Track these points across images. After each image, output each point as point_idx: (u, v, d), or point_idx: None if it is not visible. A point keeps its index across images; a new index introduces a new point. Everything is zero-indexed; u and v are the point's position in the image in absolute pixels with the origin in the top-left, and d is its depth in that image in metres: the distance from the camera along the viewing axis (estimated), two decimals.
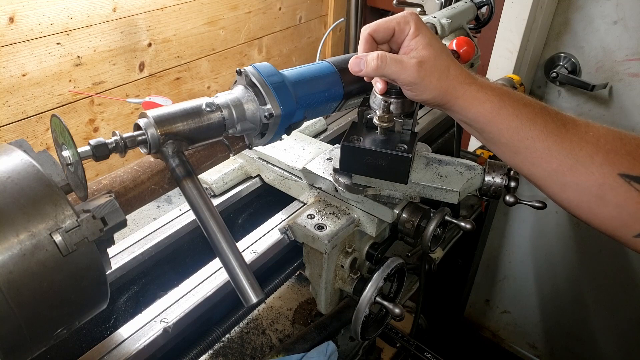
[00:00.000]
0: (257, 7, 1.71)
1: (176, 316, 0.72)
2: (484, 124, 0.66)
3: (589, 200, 0.63)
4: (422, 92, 0.67)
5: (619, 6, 1.58)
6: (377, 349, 1.11)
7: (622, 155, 0.60)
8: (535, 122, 0.63)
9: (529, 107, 0.64)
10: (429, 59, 0.65)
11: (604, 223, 0.64)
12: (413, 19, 0.67)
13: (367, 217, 0.87)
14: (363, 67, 0.67)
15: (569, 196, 0.65)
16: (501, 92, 0.66)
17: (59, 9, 1.18)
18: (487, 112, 0.65)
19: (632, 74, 1.64)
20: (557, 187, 0.65)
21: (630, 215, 0.61)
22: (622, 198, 0.60)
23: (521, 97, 0.66)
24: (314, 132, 1.19)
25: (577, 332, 2.23)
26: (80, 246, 0.47)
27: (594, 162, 0.61)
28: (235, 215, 1.06)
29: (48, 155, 0.52)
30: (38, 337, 0.47)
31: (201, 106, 0.62)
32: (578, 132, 0.62)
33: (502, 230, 2.23)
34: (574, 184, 0.63)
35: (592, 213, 0.64)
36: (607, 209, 0.62)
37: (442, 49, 0.67)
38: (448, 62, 0.66)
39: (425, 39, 0.66)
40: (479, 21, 1.47)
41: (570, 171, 0.62)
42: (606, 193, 0.61)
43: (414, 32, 0.67)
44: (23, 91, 1.18)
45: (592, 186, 0.61)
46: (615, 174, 0.60)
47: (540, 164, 0.64)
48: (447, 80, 0.66)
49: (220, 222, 0.57)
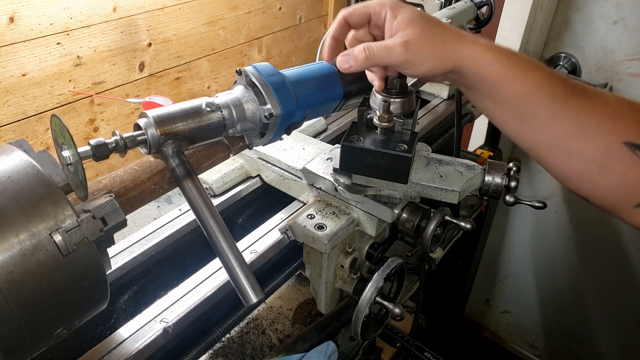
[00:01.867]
0: (257, 7, 1.71)
1: (176, 316, 0.72)
2: (491, 88, 0.64)
3: (592, 170, 0.62)
4: (418, 67, 0.65)
5: (619, 6, 1.58)
6: (377, 349, 1.11)
7: (630, 123, 0.59)
8: (542, 87, 0.62)
9: (537, 70, 0.62)
10: (414, 34, 0.63)
11: (604, 194, 0.63)
12: (389, 2, 0.65)
13: (367, 217, 0.87)
14: (352, 63, 0.65)
15: (572, 165, 0.63)
16: (509, 53, 0.63)
17: (59, 9, 1.18)
18: (495, 74, 0.63)
19: (632, 74, 1.64)
20: (560, 155, 0.64)
21: (633, 185, 0.60)
22: (626, 167, 0.59)
23: (529, 60, 0.64)
24: (314, 132, 1.19)
25: (577, 332, 2.23)
26: (80, 246, 0.47)
27: (600, 129, 0.60)
28: (235, 215, 1.06)
29: (48, 155, 0.52)
30: (38, 337, 0.47)
31: (201, 106, 0.62)
32: (586, 98, 0.61)
33: (502, 230, 2.23)
34: (577, 152, 0.62)
35: (593, 183, 0.63)
36: (610, 179, 0.61)
37: (428, 21, 0.64)
38: (440, 30, 0.64)
39: (406, 16, 0.64)
40: (479, 21, 1.47)
41: (574, 139, 0.61)
42: (610, 162, 0.60)
43: (391, 15, 0.65)
44: (23, 91, 1.18)
45: (596, 154, 0.60)
46: (620, 143, 0.59)
47: (545, 131, 0.63)
48: (442, 46, 0.63)
49: (220, 222, 0.57)
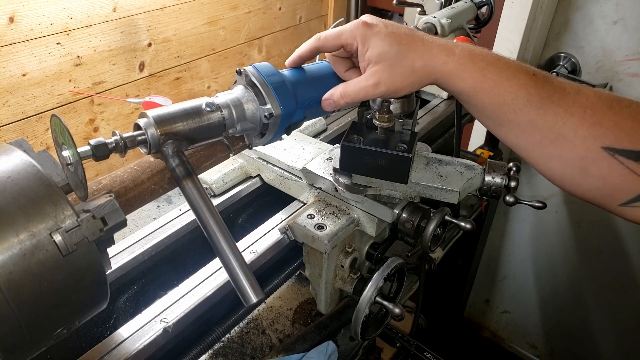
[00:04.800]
0: (257, 7, 1.71)
1: (176, 316, 0.72)
2: (467, 98, 0.66)
3: (572, 172, 0.63)
4: (395, 94, 0.68)
5: (619, 6, 1.58)
6: (377, 349, 1.11)
7: (608, 127, 0.59)
8: (517, 96, 0.62)
9: (512, 80, 0.63)
10: (384, 71, 0.65)
11: (587, 193, 0.64)
12: (358, 34, 0.66)
13: (367, 217, 0.87)
14: (335, 106, 0.70)
15: (553, 167, 0.64)
16: (483, 66, 0.64)
17: (59, 9, 1.18)
18: (469, 88, 0.64)
19: (632, 74, 1.64)
20: (541, 158, 0.65)
21: (614, 186, 0.61)
22: (606, 171, 0.60)
23: (506, 68, 0.64)
24: (314, 132, 1.20)
25: (577, 332, 2.23)
26: (80, 246, 0.47)
27: (578, 135, 0.60)
28: (235, 215, 1.06)
29: (48, 155, 0.52)
30: (38, 337, 0.47)
31: (201, 106, 0.62)
32: (564, 103, 0.61)
33: (502, 230, 2.23)
34: (557, 155, 0.63)
35: (576, 184, 0.64)
36: (591, 181, 0.62)
37: (396, 53, 0.65)
38: (410, 56, 0.65)
39: (375, 51, 0.65)
40: (479, 21, 1.47)
41: (553, 144, 0.62)
42: (589, 165, 0.61)
43: (362, 47, 0.66)
44: (23, 91, 1.18)
45: (575, 159, 0.61)
46: (598, 147, 0.59)
47: (524, 137, 0.64)
48: (413, 75, 0.65)
49: (220, 222, 0.57)
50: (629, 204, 0.61)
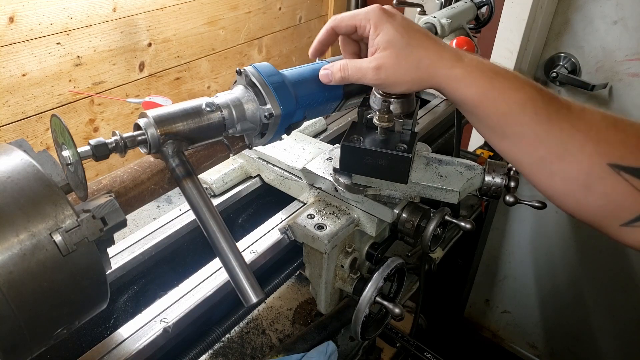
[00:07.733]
0: (257, 7, 1.71)
1: (176, 316, 0.72)
2: (471, 107, 0.65)
3: (576, 190, 0.62)
4: (392, 89, 0.67)
5: (619, 6, 1.58)
6: (377, 349, 1.11)
7: (614, 144, 0.59)
8: (525, 108, 0.62)
9: (520, 91, 0.62)
10: (389, 58, 0.64)
11: (589, 213, 0.63)
12: (373, 16, 0.65)
13: (367, 217, 0.87)
14: (331, 78, 0.70)
15: (556, 184, 0.64)
16: (491, 75, 0.63)
17: (59, 9, 1.18)
18: (474, 96, 0.63)
19: (632, 74, 1.64)
20: (543, 175, 0.64)
21: (617, 204, 0.60)
22: (610, 187, 0.59)
23: (513, 79, 0.63)
24: (314, 132, 1.19)
25: (577, 332, 2.23)
26: (80, 246, 0.47)
27: (584, 151, 0.60)
28: (235, 215, 1.06)
29: (48, 155, 0.52)
30: (38, 337, 0.47)
31: (201, 106, 0.62)
32: (570, 119, 0.61)
33: (502, 230, 2.23)
34: (561, 171, 0.62)
35: (578, 202, 0.63)
36: (594, 198, 0.61)
37: (406, 44, 0.64)
38: (417, 53, 0.64)
39: (385, 37, 0.64)
40: (479, 21, 1.47)
41: (558, 159, 0.61)
42: (593, 182, 0.60)
43: (373, 31, 0.65)
44: (23, 91, 1.18)
45: (580, 175, 0.61)
46: (604, 164, 0.59)
47: (528, 151, 0.63)
48: (417, 71, 0.64)
49: (220, 222, 0.57)
50: (631, 223, 0.60)
